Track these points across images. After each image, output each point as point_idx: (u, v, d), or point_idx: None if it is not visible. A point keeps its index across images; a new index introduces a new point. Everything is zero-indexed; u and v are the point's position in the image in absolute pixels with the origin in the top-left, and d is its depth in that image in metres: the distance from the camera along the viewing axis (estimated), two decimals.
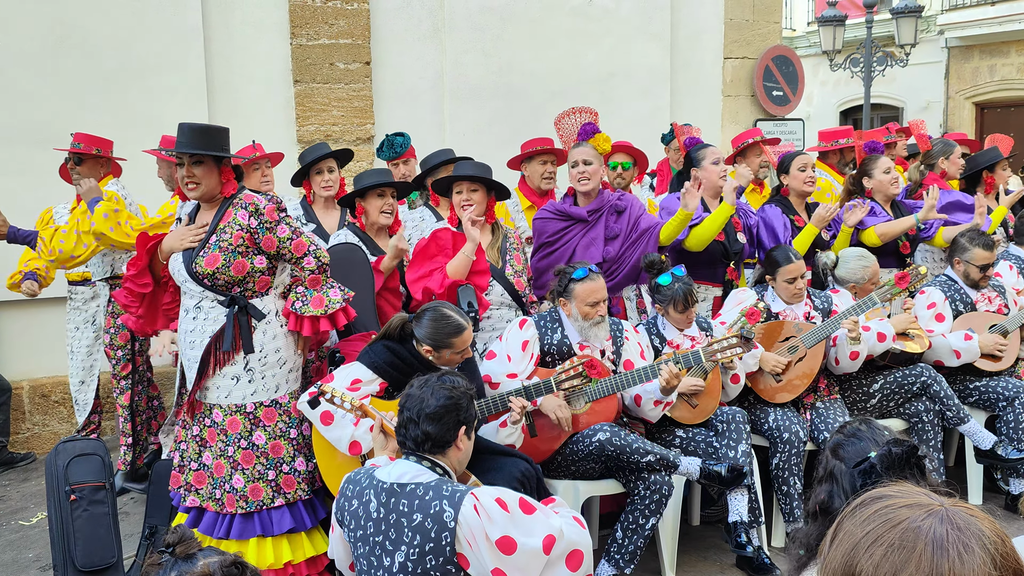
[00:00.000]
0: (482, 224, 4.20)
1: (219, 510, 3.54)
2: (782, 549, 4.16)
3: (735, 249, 4.67)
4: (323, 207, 4.71)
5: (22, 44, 5.77)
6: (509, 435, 3.51)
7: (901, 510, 1.15)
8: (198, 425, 3.60)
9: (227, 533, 3.53)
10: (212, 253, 3.47)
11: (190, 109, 6.16)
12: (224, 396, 3.55)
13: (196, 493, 3.57)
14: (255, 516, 3.54)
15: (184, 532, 1.74)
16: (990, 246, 4.73)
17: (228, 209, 3.53)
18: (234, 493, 3.52)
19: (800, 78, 8.78)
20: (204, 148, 3.48)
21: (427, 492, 2.44)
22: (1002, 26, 13.80)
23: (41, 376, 6.03)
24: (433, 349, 3.35)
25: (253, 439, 3.54)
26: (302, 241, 3.58)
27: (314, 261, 3.58)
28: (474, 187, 4.16)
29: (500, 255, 4.26)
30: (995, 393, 4.54)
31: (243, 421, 3.54)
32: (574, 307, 3.78)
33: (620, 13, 7.69)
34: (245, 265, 3.48)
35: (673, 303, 4.00)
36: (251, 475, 3.53)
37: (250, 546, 3.54)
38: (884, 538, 1.12)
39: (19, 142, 5.65)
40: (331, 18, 6.67)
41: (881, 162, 5.17)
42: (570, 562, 2.48)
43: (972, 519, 1.13)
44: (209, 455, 3.56)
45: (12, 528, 4.69)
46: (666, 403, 3.82)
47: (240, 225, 3.48)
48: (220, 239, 3.48)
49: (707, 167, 4.67)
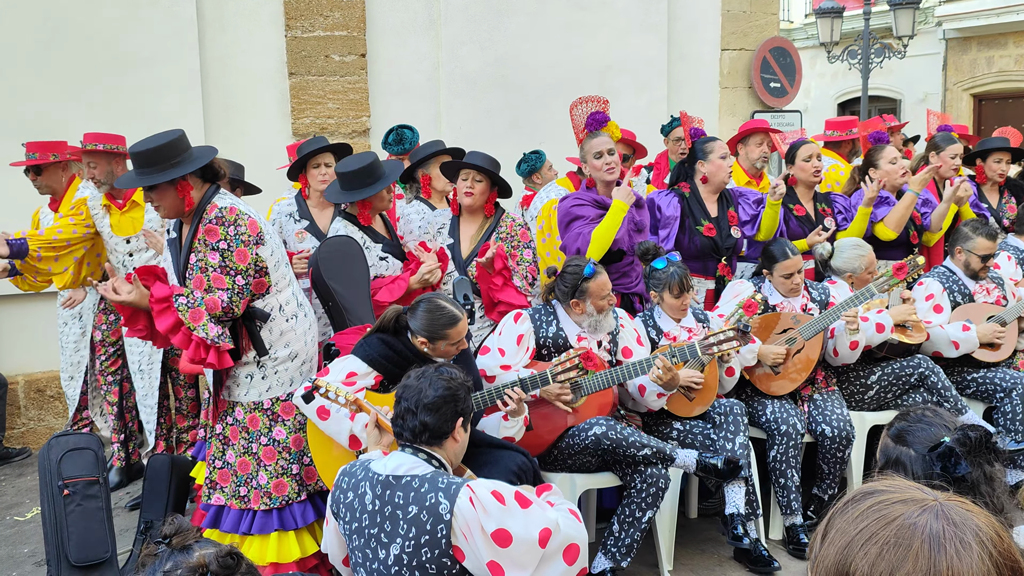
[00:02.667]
0: (479, 212, 4.30)
1: (243, 507, 3.52)
2: (779, 542, 4.15)
3: (727, 244, 4.63)
4: (318, 203, 4.62)
5: (14, 37, 5.73)
6: (510, 428, 3.50)
7: (895, 506, 1.12)
8: (220, 423, 3.58)
9: (248, 529, 3.52)
10: (196, 275, 3.38)
11: (184, 102, 6.13)
12: (243, 394, 3.54)
13: (221, 491, 3.55)
14: (274, 512, 3.53)
15: (181, 523, 1.73)
16: (993, 236, 4.71)
17: (198, 224, 3.41)
18: (260, 490, 3.52)
19: (798, 70, 8.76)
20: (150, 173, 3.34)
21: (423, 484, 2.43)
22: (1000, 17, 13.76)
23: (36, 371, 6.00)
24: (428, 340, 3.32)
25: (273, 435, 3.54)
26: (222, 279, 3.34)
27: (225, 297, 3.33)
28: (479, 177, 4.20)
29: (475, 244, 4.27)
30: (993, 384, 4.52)
31: (262, 418, 3.54)
32: (589, 304, 3.76)
33: (617, 5, 7.65)
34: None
35: (669, 287, 3.98)
36: (274, 471, 3.53)
37: (271, 540, 3.53)
38: (879, 536, 1.09)
39: (11, 136, 5.61)
40: (326, 10, 6.63)
41: (887, 152, 5.13)
42: (567, 556, 2.46)
43: (968, 514, 1.10)
44: (232, 453, 3.55)
45: (7, 523, 4.67)
46: (669, 394, 3.82)
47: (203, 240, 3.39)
48: (198, 259, 3.38)
49: (715, 161, 4.61)
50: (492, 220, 4.33)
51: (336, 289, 3.91)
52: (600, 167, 4.25)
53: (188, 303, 3.32)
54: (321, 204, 4.62)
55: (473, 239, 4.30)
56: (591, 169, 4.30)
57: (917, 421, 1.97)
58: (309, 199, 4.63)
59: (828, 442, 4.15)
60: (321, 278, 3.90)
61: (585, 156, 4.32)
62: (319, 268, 3.90)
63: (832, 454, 4.17)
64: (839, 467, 4.20)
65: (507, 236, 4.30)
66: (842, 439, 4.13)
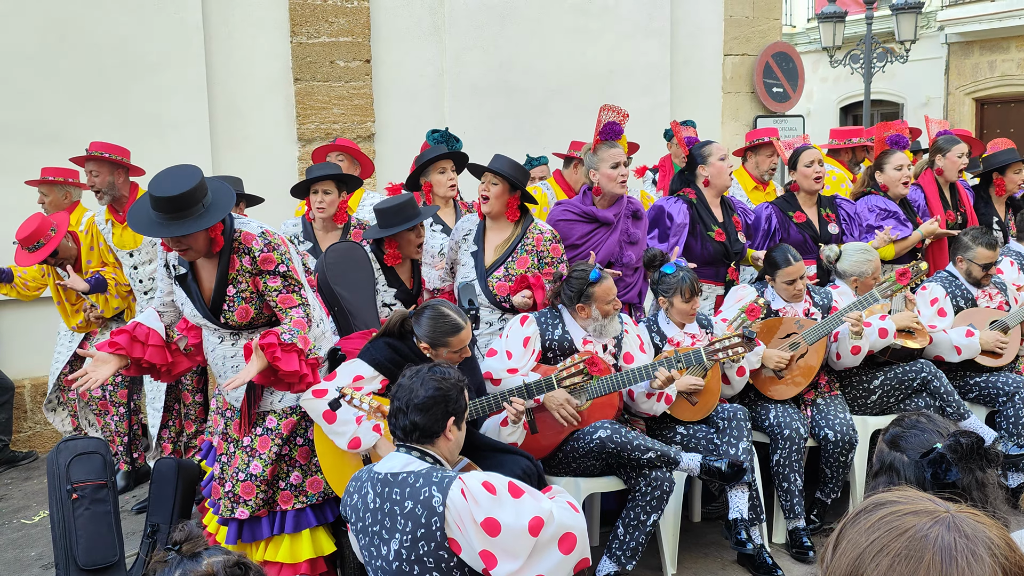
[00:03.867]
0: (503, 219, 4.19)
1: (272, 509, 3.52)
2: (782, 545, 4.16)
3: (736, 249, 4.67)
4: (322, 227, 4.56)
5: (21, 42, 5.76)
6: (511, 434, 3.51)
7: (906, 517, 1.12)
8: (249, 436, 3.53)
9: (281, 528, 3.52)
10: (240, 306, 3.40)
11: (190, 108, 6.17)
12: (278, 401, 3.54)
13: (244, 504, 3.48)
14: (307, 509, 3.54)
15: (191, 530, 1.73)
16: (993, 245, 4.73)
17: (232, 256, 3.38)
18: (292, 490, 3.52)
19: (800, 75, 8.78)
20: (183, 220, 3.19)
21: (417, 479, 2.46)
22: (1002, 22, 13.78)
23: (43, 375, 6.01)
24: (430, 347, 3.34)
25: (309, 435, 3.55)
26: (291, 298, 3.38)
27: (302, 311, 3.38)
28: (495, 180, 4.14)
29: (501, 255, 4.16)
30: (995, 389, 4.54)
31: (298, 420, 3.55)
32: (594, 309, 3.78)
33: (620, 10, 7.68)
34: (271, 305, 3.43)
35: (680, 292, 4.00)
36: (309, 469, 3.55)
37: (303, 537, 3.54)
38: (890, 547, 1.09)
39: (18, 141, 5.64)
40: (331, 16, 6.67)
41: (895, 157, 5.14)
42: (562, 545, 2.46)
43: (979, 526, 1.10)
44: (259, 464, 3.48)
45: (14, 527, 4.70)
46: (662, 395, 3.81)
47: (247, 270, 3.38)
48: (239, 291, 3.39)
49: (715, 164, 4.65)
50: (519, 230, 4.20)
51: (342, 294, 3.93)
52: (615, 177, 4.28)
53: (291, 336, 3.27)
54: (326, 228, 4.56)
55: (498, 249, 4.18)
56: (603, 178, 4.32)
57: (911, 427, 1.99)
58: (314, 222, 4.58)
59: (831, 446, 4.16)
60: (327, 283, 3.92)
61: (599, 164, 4.32)
62: (325, 273, 3.92)
63: (835, 458, 4.18)
64: (842, 471, 4.22)
65: (533, 250, 4.15)
66: (845, 443, 4.15)
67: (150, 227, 3.23)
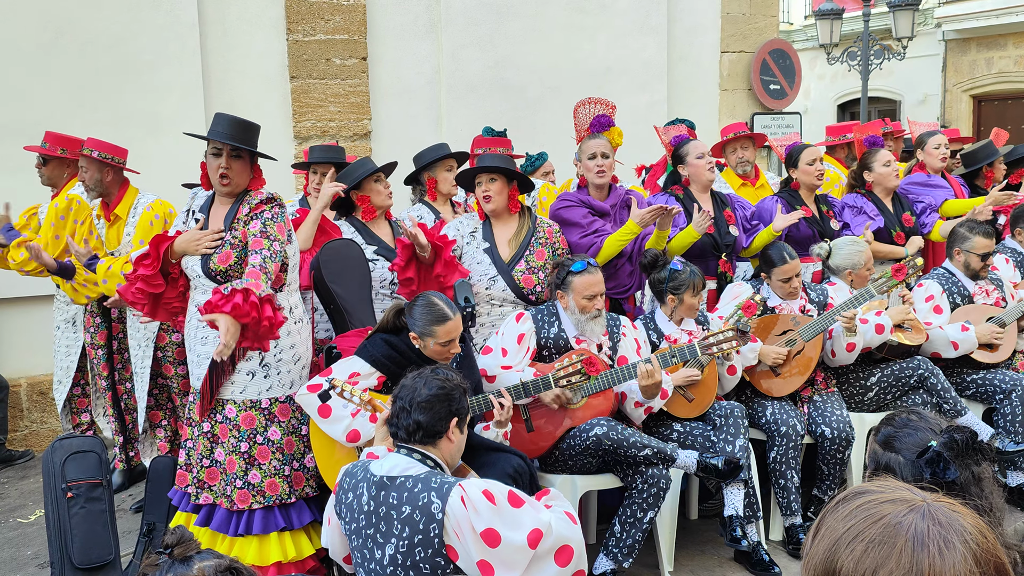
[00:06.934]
0: (506, 214, 4.20)
1: (230, 507, 3.51)
2: (779, 542, 4.17)
3: (726, 242, 4.67)
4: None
5: (16, 40, 5.75)
6: (495, 436, 3.50)
7: (883, 505, 1.15)
8: (209, 422, 3.55)
9: (247, 529, 3.50)
10: (225, 250, 3.44)
11: (186, 106, 6.16)
12: (239, 391, 3.51)
13: (209, 490, 3.53)
14: (275, 510, 3.53)
15: (183, 533, 1.72)
16: (990, 234, 4.75)
17: (240, 205, 3.50)
18: (249, 489, 3.50)
19: (797, 72, 8.77)
20: (244, 143, 3.45)
21: (416, 484, 2.45)
22: (999, 19, 13.77)
23: (39, 373, 6.02)
24: (419, 337, 3.32)
25: (268, 435, 3.53)
26: (261, 242, 3.40)
27: (259, 258, 3.35)
28: (492, 177, 4.14)
29: (518, 249, 4.16)
30: (992, 386, 4.54)
31: (259, 417, 3.53)
32: (571, 300, 3.77)
33: (617, 7, 7.67)
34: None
35: (692, 287, 4.01)
36: (268, 471, 3.52)
37: (271, 539, 3.53)
38: (865, 533, 1.12)
39: (13, 139, 5.63)
40: (327, 14, 6.66)
41: (881, 155, 5.24)
42: (559, 558, 2.45)
43: (955, 515, 1.12)
44: (221, 451, 3.52)
45: (10, 525, 4.69)
46: (647, 407, 3.80)
47: (243, 219, 3.46)
48: (232, 236, 3.45)
49: (692, 162, 4.70)
50: (528, 223, 4.21)
51: (337, 292, 3.92)
52: (591, 168, 4.41)
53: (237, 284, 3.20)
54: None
55: (511, 243, 4.17)
56: (583, 169, 4.48)
57: (903, 426, 1.98)
58: (311, 197, 4.64)
59: (828, 443, 4.16)
60: (323, 281, 3.91)
61: (580, 155, 4.48)
62: (320, 271, 3.91)
63: (832, 455, 4.18)
64: (839, 468, 4.22)
65: (547, 242, 4.20)
66: (842, 440, 4.15)
67: (218, 136, 3.44)
